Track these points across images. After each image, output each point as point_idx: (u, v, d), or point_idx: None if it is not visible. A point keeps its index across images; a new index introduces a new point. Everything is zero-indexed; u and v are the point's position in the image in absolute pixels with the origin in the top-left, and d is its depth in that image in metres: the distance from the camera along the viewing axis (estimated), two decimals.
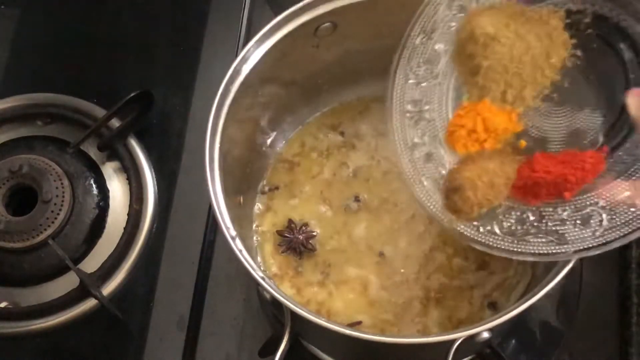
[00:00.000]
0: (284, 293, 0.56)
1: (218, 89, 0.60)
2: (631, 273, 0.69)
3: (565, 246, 0.52)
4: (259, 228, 0.71)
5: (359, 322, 0.65)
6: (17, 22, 0.88)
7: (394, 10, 0.61)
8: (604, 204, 0.50)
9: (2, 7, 0.89)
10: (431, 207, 0.57)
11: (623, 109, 0.50)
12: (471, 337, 0.53)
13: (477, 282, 0.66)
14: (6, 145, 0.79)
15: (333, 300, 0.67)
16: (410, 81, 0.58)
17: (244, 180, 0.70)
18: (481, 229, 0.55)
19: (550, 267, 0.55)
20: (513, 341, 0.69)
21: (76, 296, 0.72)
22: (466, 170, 0.54)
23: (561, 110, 0.53)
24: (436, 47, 0.57)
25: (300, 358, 0.68)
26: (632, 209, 0.49)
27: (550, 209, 0.52)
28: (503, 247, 0.54)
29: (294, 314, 0.55)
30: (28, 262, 0.73)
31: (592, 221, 0.51)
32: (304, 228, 0.69)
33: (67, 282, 0.73)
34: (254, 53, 0.62)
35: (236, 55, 0.61)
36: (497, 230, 0.54)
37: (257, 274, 0.55)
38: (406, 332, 0.65)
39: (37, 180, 0.73)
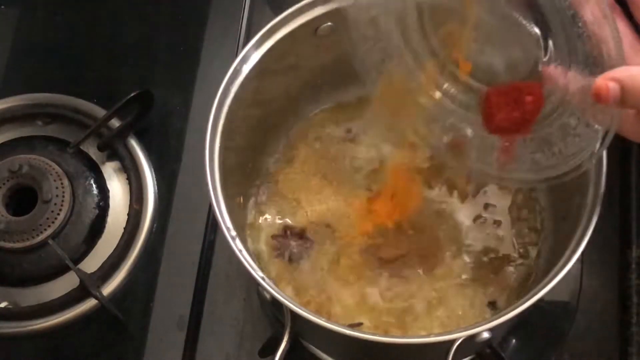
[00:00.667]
0: (284, 293, 0.56)
1: (218, 89, 0.60)
2: (631, 273, 0.69)
3: (543, 172, 0.53)
4: (258, 228, 0.71)
5: (360, 324, 0.65)
6: (17, 22, 0.88)
7: None
8: (557, 132, 0.52)
9: (2, 7, 0.89)
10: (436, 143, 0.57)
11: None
12: (471, 337, 0.53)
13: (479, 281, 0.66)
14: (6, 145, 0.79)
15: (332, 304, 0.67)
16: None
17: (244, 180, 0.70)
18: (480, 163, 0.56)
19: (551, 267, 0.55)
20: (513, 341, 0.69)
21: (76, 296, 0.72)
22: None
23: (495, 42, 0.53)
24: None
25: (300, 358, 0.68)
26: (577, 139, 0.51)
27: (522, 140, 0.53)
28: (492, 173, 0.54)
29: (294, 314, 0.55)
30: (28, 262, 0.73)
31: (553, 149, 0.52)
32: (302, 233, 0.69)
33: (67, 282, 0.73)
34: (254, 53, 0.62)
35: (236, 55, 0.61)
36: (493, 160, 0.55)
37: (257, 274, 0.55)
38: (408, 332, 0.65)
39: (37, 180, 0.73)
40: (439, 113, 0.56)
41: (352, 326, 0.64)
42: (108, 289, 0.72)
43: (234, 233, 0.56)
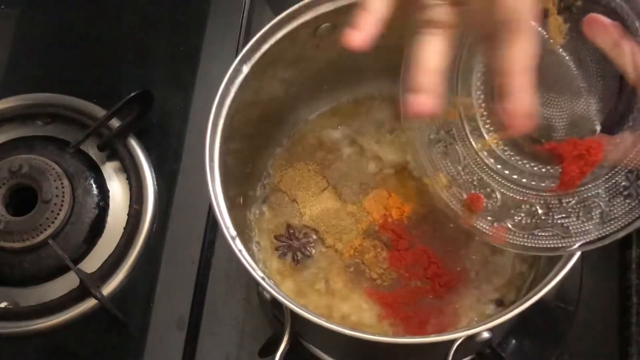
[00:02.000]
0: (284, 293, 0.56)
1: (218, 89, 0.60)
2: (631, 273, 0.69)
3: (569, 239, 0.52)
4: (258, 229, 0.71)
5: None
6: (17, 22, 0.88)
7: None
8: (605, 195, 0.51)
9: (2, 7, 0.89)
10: (448, 202, 0.58)
11: (620, 90, 0.50)
12: (471, 337, 0.53)
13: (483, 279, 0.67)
14: (6, 145, 0.79)
15: (337, 304, 0.67)
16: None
17: (244, 180, 0.70)
18: (495, 225, 0.56)
19: (551, 267, 0.55)
20: (513, 341, 0.69)
21: (76, 296, 0.72)
22: None
23: (560, 98, 0.53)
24: None
25: (300, 358, 0.68)
26: (628, 201, 0.50)
27: (557, 201, 0.53)
28: (515, 242, 0.55)
29: (294, 314, 0.55)
30: (28, 262, 0.73)
31: (593, 213, 0.51)
32: (302, 233, 0.69)
33: (67, 282, 0.73)
34: (254, 53, 0.62)
35: (236, 55, 0.61)
36: (509, 225, 0.55)
37: (257, 274, 0.55)
38: (413, 331, 0.65)
39: (37, 180, 0.73)
40: (473, 164, 0.57)
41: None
42: (108, 289, 0.72)
43: (234, 233, 0.56)
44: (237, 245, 0.56)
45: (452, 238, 0.68)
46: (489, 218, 0.57)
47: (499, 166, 0.56)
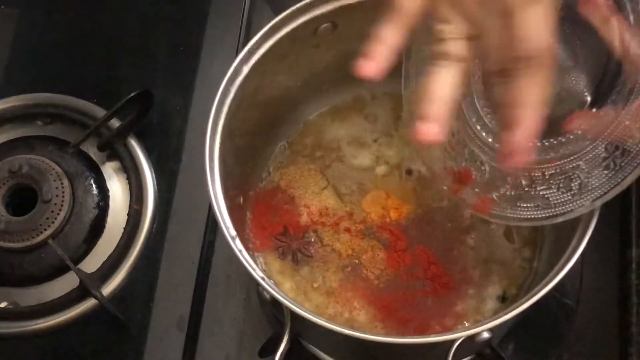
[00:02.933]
0: (284, 293, 0.56)
1: (218, 89, 0.60)
2: (631, 273, 0.69)
3: (548, 210, 0.54)
4: (259, 228, 0.71)
5: None
6: (17, 22, 0.88)
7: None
8: (585, 166, 0.52)
9: (2, 7, 0.89)
10: (439, 173, 0.60)
11: (606, 66, 0.51)
12: (471, 337, 0.53)
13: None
14: (6, 145, 0.79)
15: (331, 302, 0.67)
16: (423, 52, 0.59)
17: (244, 180, 0.70)
18: (481, 196, 0.57)
19: (551, 266, 0.55)
20: (513, 341, 0.69)
21: (76, 296, 0.72)
22: None
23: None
24: None
25: (300, 358, 0.68)
26: (606, 172, 0.51)
27: (540, 174, 0.54)
28: (499, 213, 0.57)
29: (294, 314, 0.55)
30: (28, 262, 0.73)
31: (573, 184, 0.53)
32: (302, 233, 0.69)
33: (67, 282, 0.73)
34: (254, 53, 0.62)
35: (236, 55, 0.61)
36: (494, 196, 0.56)
37: (257, 274, 0.55)
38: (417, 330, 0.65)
39: (37, 180, 0.73)
40: (466, 137, 0.58)
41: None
42: (108, 289, 0.72)
43: (234, 233, 0.56)
44: (237, 245, 0.56)
45: (451, 238, 0.68)
46: (476, 190, 0.58)
47: (490, 139, 0.57)
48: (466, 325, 0.65)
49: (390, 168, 0.72)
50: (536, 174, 0.55)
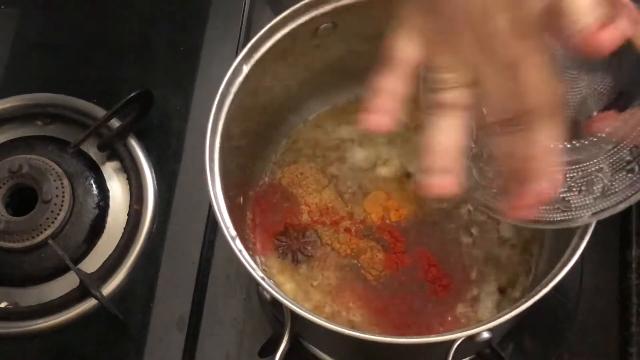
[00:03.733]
0: (284, 293, 0.56)
1: (218, 89, 0.60)
2: (631, 273, 0.69)
3: (569, 213, 0.53)
4: (259, 228, 0.71)
5: None
6: (17, 22, 0.88)
7: (395, 10, 0.61)
8: (608, 169, 0.51)
9: (2, 7, 0.89)
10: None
11: (633, 66, 0.50)
12: (471, 337, 0.53)
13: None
14: (6, 145, 0.79)
15: (328, 301, 0.67)
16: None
17: (244, 180, 0.70)
18: (499, 198, 0.56)
19: (551, 266, 0.55)
20: (513, 341, 0.69)
21: (76, 296, 0.72)
22: None
23: (577, 74, 0.52)
24: None
25: (300, 358, 0.68)
26: (630, 175, 0.50)
27: (560, 177, 0.53)
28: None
29: (294, 314, 0.55)
30: (28, 262, 0.73)
31: (595, 187, 0.52)
32: (302, 233, 0.69)
33: (67, 282, 0.73)
34: (254, 53, 0.62)
35: (236, 55, 0.61)
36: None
37: (257, 274, 0.55)
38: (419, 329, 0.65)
39: (37, 180, 0.73)
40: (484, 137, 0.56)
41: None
42: (108, 289, 0.72)
43: (234, 233, 0.56)
44: (237, 245, 0.56)
45: (450, 240, 0.68)
46: (494, 191, 0.56)
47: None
48: (465, 325, 0.65)
49: (390, 169, 0.71)
50: (557, 177, 0.54)
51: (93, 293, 0.70)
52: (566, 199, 0.53)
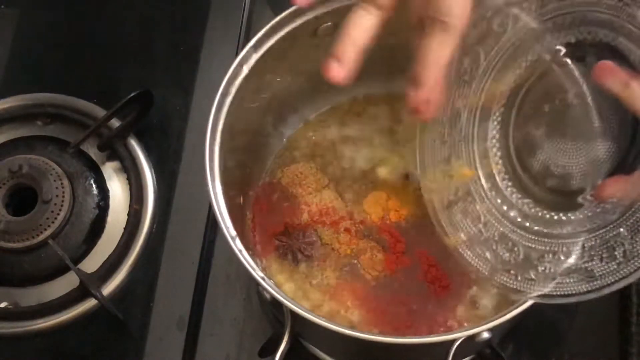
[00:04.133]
0: (284, 293, 0.56)
1: (218, 89, 0.60)
2: None
3: (594, 282, 0.52)
4: (259, 228, 0.71)
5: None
6: (17, 22, 0.88)
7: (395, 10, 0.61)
8: (627, 233, 0.51)
9: (2, 7, 0.89)
10: (470, 260, 0.58)
11: (634, 129, 0.50)
12: (471, 337, 0.53)
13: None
14: (6, 145, 0.79)
15: (335, 304, 0.67)
16: (437, 141, 0.60)
17: (244, 180, 0.70)
18: (519, 277, 0.56)
19: None
20: (513, 341, 0.69)
21: (76, 296, 0.72)
22: None
23: (576, 145, 0.53)
24: (457, 104, 0.58)
25: (300, 358, 0.68)
26: None
27: (579, 247, 0.53)
28: (540, 292, 0.54)
29: (294, 314, 0.55)
30: (28, 262, 0.73)
31: (616, 252, 0.51)
32: (302, 233, 0.69)
33: (67, 282, 0.73)
34: (254, 53, 0.62)
35: (236, 55, 0.61)
36: (532, 275, 0.55)
37: (257, 274, 0.55)
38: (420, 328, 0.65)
39: (37, 180, 0.73)
40: (494, 220, 0.58)
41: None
42: (108, 289, 0.72)
43: (234, 233, 0.56)
44: (237, 245, 0.56)
45: None
46: (511, 272, 0.56)
47: (519, 219, 0.56)
48: (465, 325, 0.65)
49: (390, 169, 0.71)
50: (575, 248, 0.53)
51: (93, 293, 0.70)
52: (589, 268, 0.52)
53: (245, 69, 0.61)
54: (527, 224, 0.56)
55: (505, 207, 0.57)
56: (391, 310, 0.66)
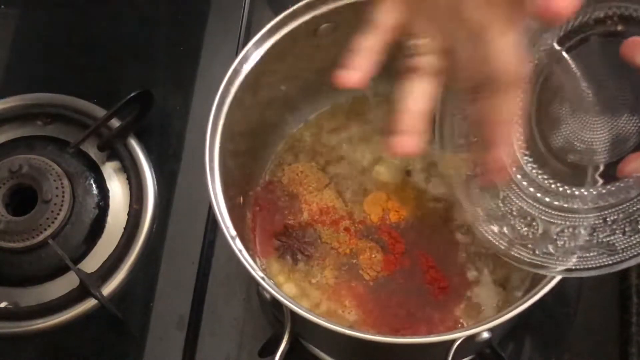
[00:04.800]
0: (284, 293, 0.56)
1: (218, 89, 0.60)
2: (631, 273, 0.69)
3: (616, 256, 0.52)
4: (259, 228, 0.71)
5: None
6: (17, 22, 0.88)
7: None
8: None
9: (2, 7, 0.89)
10: (487, 234, 0.58)
11: None
12: (471, 337, 0.53)
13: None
14: (6, 145, 0.79)
15: (324, 299, 0.67)
16: (457, 116, 0.59)
17: (244, 180, 0.70)
18: (537, 252, 0.56)
19: None
20: (513, 341, 0.69)
21: (76, 296, 0.72)
22: None
23: (600, 120, 0.53)
24: None
25: (300, 358, 0.68)
26: None
27: (601, 221, 0.53)
28: (560, 267, 0.54)
29: (294, 314, 0.55)
30: (28, 262, 0.73)
31: (639, 226, 0.51)
32: (302, 233, 0.69)
33: (67, 282, 0.73)
34: (254, 53, 0.62)
35: (236, 55, 0.61)
36: (551, 249, 0.55)
37: (257, 274, 0.55)
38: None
39: (37, 180, 0.73)
40: (512, 195, 0.57)
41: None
42: (108, 289, 0.72)
43: (234, 233, 0.56)
44: (237, 245, 0.56)
45: (449, 242, 0.68)
46: (530, 246, 0.56)
47: (539, 194, 0.56)
48: (465, 326, 0.65)
49: (391, 169, 0.71)
50: (597, 222, 0.53)
51: (93, 293, 0.70)
52: (611, 242, 0.52)
53: (245, 69, 0.62)
54: (547, 199, 0.56)
55: (525, 183, 0.57)
56: (389, 311, 0.66)
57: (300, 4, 0.62)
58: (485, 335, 0.54)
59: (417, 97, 0.49)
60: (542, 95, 0.56)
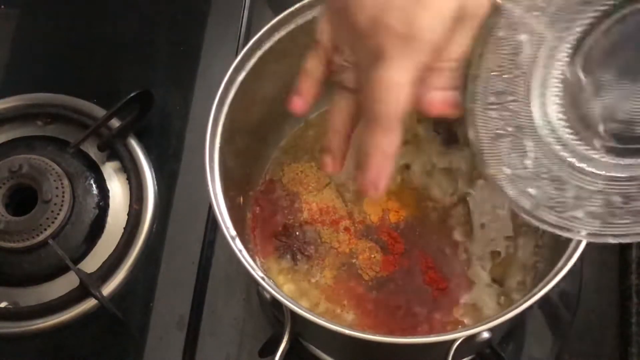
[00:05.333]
0: (284, 293, 0.56)
1: (218, 89, 0.60)
2: (631, 273, 0.69)
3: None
4: (259, 228, 0.71)
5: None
6: (17, 22, 0.88)
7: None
8: None
9: (2, 7, 0.89)
10: (510, 194, 0.56)
11: None
12: (471, 337, 0.53)
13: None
14: (6, 145, 0.79)
15: (322, 299, 0.67)
16: (494, 73, 0.57)
17: (244, 180, 0.70)
18: (564, 215, 0.54)
19: (551, 267, 0.55)
20: (513, 341, 0.69)
21: (76, 296, 0.72)
22: None
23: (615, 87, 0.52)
24: (521, 37, 0.55)
25: (300, 358, 0.68)
26: None
27: (636, 189, 0.51)
28: (587, 231, 0.53)
29: (294, 314, 0.55)
30: (28, 262, 0.73)
31: None
32: (301, 233, 0.69)
33: (67, 282, 0.73)
34: (254, 53, 0.62)
35: (236, 55, 0.61)
36: (579, 215, 0.53)
37: (257, 274, 0.55)
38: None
39: (37, 180, 0.73)
40: (543, 157, 0.55)
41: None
42: (108, 289, 0.72)
43: (234, 233, 0.56)
44: (237, 245, 0.56)
45: (449, 242, 0.68)
46: (557, 209, 0.54)
47: (572, 159, 0.54)
48: (465, 325, 0.65)
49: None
50: (631, 191, 0.52)
51: (93, 293, 0.70)
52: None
53: (246, 69, 0.61)
54: (580, 165, 0.54)
55: (558, 147, 0.55)
56: (388, 311, 0.66)
57: (300, 4, 0.62)
58: (485, 335, 0.54)
59: (338, 115, 0.52)
60: (591, 51, 0.53)
